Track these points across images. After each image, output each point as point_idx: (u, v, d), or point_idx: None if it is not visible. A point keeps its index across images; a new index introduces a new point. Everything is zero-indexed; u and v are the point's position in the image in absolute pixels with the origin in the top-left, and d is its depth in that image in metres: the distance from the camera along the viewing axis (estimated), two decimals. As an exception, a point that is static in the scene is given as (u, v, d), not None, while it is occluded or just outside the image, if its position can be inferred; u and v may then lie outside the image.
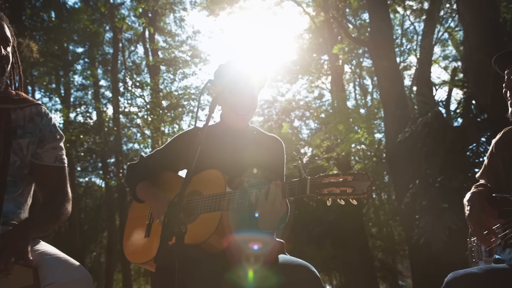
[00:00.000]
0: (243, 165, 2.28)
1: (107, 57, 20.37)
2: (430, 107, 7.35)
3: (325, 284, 19.84)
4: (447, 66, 18.46)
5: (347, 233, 14.39)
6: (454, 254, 5.32)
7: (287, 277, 1.97)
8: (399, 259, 20.32)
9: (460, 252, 2.37)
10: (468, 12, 7.04)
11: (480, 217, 2.03)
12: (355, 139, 14.43)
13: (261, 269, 2.01)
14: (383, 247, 19.08)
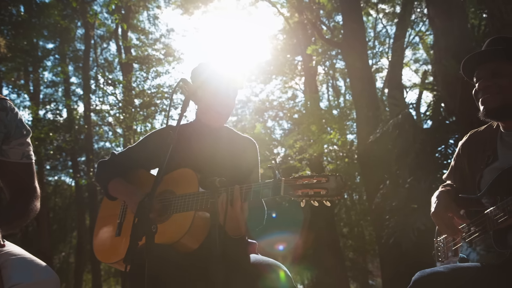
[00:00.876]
0: (217, 164, 2.28)
1: (79, 54, 20.00)
2: (401, 109, 7.48)
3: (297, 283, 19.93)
4: (418, 69, 18.83)
5: (318, 233, 14.50)
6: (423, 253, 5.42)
7: (259, 276, 1.98)
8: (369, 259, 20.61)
9: (428, 252, 2.42)
10: (438, 17, 7.20)
11: (445, 215, 2.08)
12: (327, 139, 14.55)
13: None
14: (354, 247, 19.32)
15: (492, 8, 4.39)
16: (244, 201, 1.94)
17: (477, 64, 2.11)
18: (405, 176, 6.79)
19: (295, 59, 19.80)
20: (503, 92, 2.00)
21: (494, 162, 2.06)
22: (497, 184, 1.96)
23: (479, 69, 2.09)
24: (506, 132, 2.10)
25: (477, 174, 2.12)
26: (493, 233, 1.92)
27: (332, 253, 14.30)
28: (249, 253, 2.19)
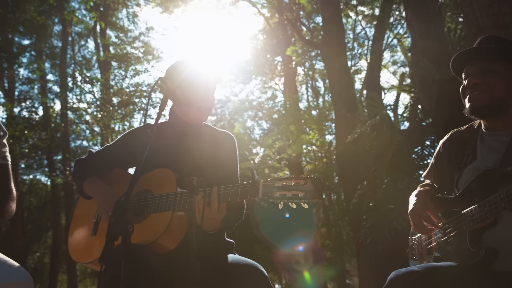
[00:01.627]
0: (196, 163, 2.26)
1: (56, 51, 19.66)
2: (379, 110, 7.55)
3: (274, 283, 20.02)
4: (395, 71, 19.05)
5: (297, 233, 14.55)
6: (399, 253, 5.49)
7: (236, 276, 1.97)
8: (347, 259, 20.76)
9: (404, 252, 2.45)
10: (415, 20, 7.29)
11: (423, 213, 2.11)
12: (306, 140, 14.63)
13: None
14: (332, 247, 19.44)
15: (467, 13, 4.46)
16: (222, 202, 1.93)
17: (467, 61, 2.12)
18: (382, 177, 6.86)
19: (275, 59, 19.87)
20: (491, 90, 2.01)
21: (473, 161, 2.08)
22: (475, 185, 1.98)
23: (469, 66, 2.10)
24: (487, 132, 2.13)
25: (456, 173, 2.14)
26: (468, 233, 1.95)
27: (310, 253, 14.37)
28: (227, 253, 2.18)
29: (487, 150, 2.08)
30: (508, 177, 1.88)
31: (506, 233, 1.87)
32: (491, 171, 1.94)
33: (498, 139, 2.06)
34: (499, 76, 2.03)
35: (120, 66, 16.68)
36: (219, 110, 21.97)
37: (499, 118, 2.05)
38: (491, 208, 1.85)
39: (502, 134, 2.06)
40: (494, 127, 2.10)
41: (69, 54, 19.21)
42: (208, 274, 1.92)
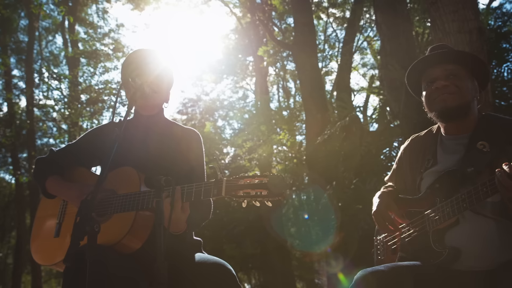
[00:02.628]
0: (161, 162, 2.24)
1: (22, 46, 19.15)
2: (349, 111, 7.66)
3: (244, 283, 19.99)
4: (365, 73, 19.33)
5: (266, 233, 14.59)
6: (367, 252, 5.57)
7: (203, 275, 1.97)
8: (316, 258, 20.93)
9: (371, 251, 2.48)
10: (385, 24, 7.42)
11: (386, 214, 2.15)
12: (277, 140, 14.68)
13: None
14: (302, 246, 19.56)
15: (435, 18, 4.57)
16: (186, 201, 1.92)
17: (431, 66, 2.17)
18: (351, 177, 6.95)
19: (247, 59, 19.89)
20: (461, 92, 2.07)
21: (434, 166, 2.14)
22: (437, 186, 2.04)
23: (434, 69, 2.15)
24: (446, 136, 2.19)
25: (418, 177, 2.20)
26: (431, 233, 2.00)
27: (279, 253, 14.43)
28: (194, 252, 2.17)
29: (447, 154, 2.13)
30: (468, 178, 1.94)
31: (467, 232, 1.92)
32: (452, 172, 2.00)
33: (457, 142, 2.13)
34: (464, 80, 2.10)
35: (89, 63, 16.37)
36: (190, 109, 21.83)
37: (460, 122, 2.12)
38: (453, 209, 1.90)
39: (460, 138, 2.12)
40: (454, 131, 2.16)
41: (35, 49, 18.74)
42: (176, 273, 1.91)
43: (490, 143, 1.98)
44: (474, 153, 2.00)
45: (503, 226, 1.89)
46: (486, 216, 1.91)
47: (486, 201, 1.81)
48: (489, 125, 2.08)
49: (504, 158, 1.90)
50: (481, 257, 1.89)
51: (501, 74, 7.46)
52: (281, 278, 14.33)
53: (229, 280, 1.96)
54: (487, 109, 4.18)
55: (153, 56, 2.30)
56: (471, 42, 4.33)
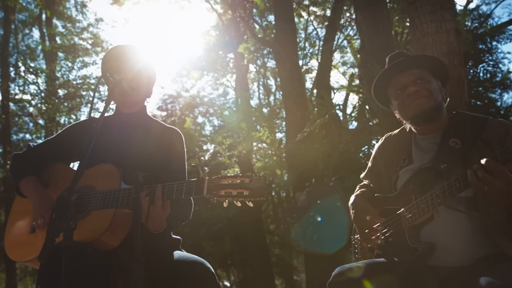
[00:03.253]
0: (141, 159, 2.22)
1: (-3, 39, 18.70)
2: (328, 109, 7.69)
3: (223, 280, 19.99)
4: (345, 71, 19.45)
5: (245, 230, 14.62)
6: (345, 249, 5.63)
7: (182, 273, 1.96)
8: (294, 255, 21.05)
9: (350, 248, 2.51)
10: (364, 23, 7.48)
11: (364, 220, 2.18)
12: (257, 137, 14.70)
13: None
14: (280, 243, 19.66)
15: (413, 17, 4.62)
16: (166, 200, 1.91)
17: (399, 73, 2.19)
18: (330, 175, 7.01)
19: (227, 56, 19.82)
20: (432, 95, 2.11)
21: (409, 164, 2.18)
22: (412, 183, 2.07)
23: (400, 77, 2.18)
24: (420, 136, 2.23)
25: (393, 175, 2.23)
26: (407, 229, 2.03)
27: (258, 250, 14.48)
28: (172, 250, 2.16)
29: (422, 153, 2.18)
30: (442, 174, 1.98)
31: (442, 228, 1.96)
32: (426, 169, 2.04)
33: (430, 141, 2.17)
34: (431, 82, 2.14)
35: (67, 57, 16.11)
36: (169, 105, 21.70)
37: (433, 122, 2.16)
38: (427, 205, 1.94)
39: (433, 137, 2.17)
40: (426, 131, 2.20)
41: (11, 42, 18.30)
42: (154, 270, 1.90)
43: (462, 140, 2.03)
44: (447, 150, 2.04)
45: (477, 220, 1.93)
46: (460, 211, 1.95)
47: (460, 196, 1.85)
48: (459, 123, 2.12)
49: (476, 154, 1.95)
50: (456, 251, 1.93)
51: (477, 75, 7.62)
52: (260, 275, 14.37)
53: (208, 279, 1.95)
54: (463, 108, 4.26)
55: (133, 52, 2.27)
56: (448, 43, 4.40)
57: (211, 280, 1.95)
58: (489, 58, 8.02)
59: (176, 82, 21.69)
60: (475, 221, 1.93)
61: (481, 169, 1.67)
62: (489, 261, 1.84)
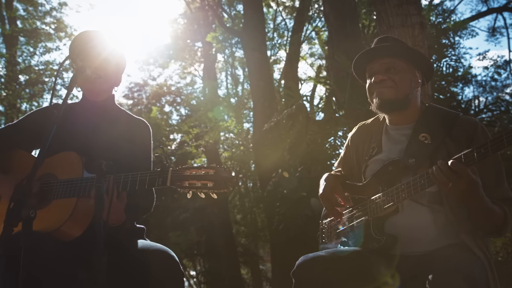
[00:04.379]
0: (106, 148, 2.17)
1: (-48, 21, 17.92)
2: (296, 100, 7.72)
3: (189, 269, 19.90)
4: (313, 63, 19.56)
5: (212, 220, 14.62)
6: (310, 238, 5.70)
7: (145, 262, 1.94)
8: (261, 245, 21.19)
9: (315, 237, 2.54)
10: (332, 15, 7.55)
11: (332, 196, 2.21)
12: (224, 127, 14.67)
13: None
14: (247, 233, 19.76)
15: (380, 11, 4.68)
16: (127, 190, 1.88)
17: (372, 59, 2.22)
18: (296, 165, 7.07)
19: (195, 45, 19.61)
20: (397, 86, 2.13)
21: (378, 154, 2.21)
22: (380, 175, 2.10)
23: (374, 63, 2.20)
24: (391, 126, 2.26)
25: (363, 164, 2.27)
26: (372, 220, 2.07)
27: (224, 240, 14.51)
28: (136, 239, 2.13)
29: (392, 143, 2.21)
30: (409, 169, 2.02)
31: (406, 221, 2.01)
32: (395, 162, 2.07)
33: (400, 132, 2.20)
34: (403, 73, 2.17)
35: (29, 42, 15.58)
36: (136, 94, 21.35)
37: (403, 113, 2.19)
38: (393, 198, 1.98)
39: (404, 128, 2.20)
40: (397, 122, 2.24)
41: (-32, 25, 17.61)
42: (116, 260, 1.87)
43: (431, 135, 2.07)
44: (416, 145, 2.08)
45: (439, 214, 1.98)
46: (423, 205, 2.01)
47: (424, 191, 1.89)
48: (431, 117, 2.16)
49: (444, 150, 2.00)
50: (419, 243, 1.98)
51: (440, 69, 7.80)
52: (226, 264, 14.41)
53: (172, 267, 1.94)
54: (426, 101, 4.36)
55: (100, 38, 2.20)
56: (413, 36, 4.48)
57: (175, 268, 1.94)
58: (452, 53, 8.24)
59: (143, 70, 21.35)
60: (438, 215, 1.98)
61: (445, 166, 1.73)
62: (450, 250, 1.90)
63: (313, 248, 2.29)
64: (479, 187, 1.76)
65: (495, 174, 1.99)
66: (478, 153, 1.69)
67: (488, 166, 1.96)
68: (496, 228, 1.90)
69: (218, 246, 14.78)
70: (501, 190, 1.97)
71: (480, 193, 1.78)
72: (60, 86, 13.94)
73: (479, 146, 1.70)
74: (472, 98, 8.34)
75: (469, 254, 1.85)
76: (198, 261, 20.30)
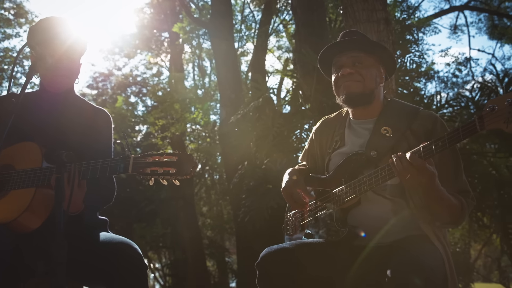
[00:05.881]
0: (65, 137, 2.12)
1: None
2: (262, 93, 7.73)
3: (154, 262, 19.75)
4: (280, 56, 19.60)
5: (178, 212, 14.53)
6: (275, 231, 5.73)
7: (107, 254, 1.91)
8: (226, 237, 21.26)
9: (281, 230, 2.57)
10: (300, 8, 7.57)
11: (294, 190, 2.23)
12: (190, 119, 14.56)
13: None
14: (213, 225, 19.76)
15: (346, 5, 4.73)
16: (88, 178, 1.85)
17: (340, 52, 2.24)
18: (262, 158, 7.09)
19: (162, 35, 19.32)
20: (364, 80, 2.16)
21: (341, 147, 2.25)
22: (343, 168, 2.14)
23: (341, 56, 2.22)
24: (354, 120, 2.29)
25: (326, 157, 2.30)
26: (335, 212, 2.10)
27: (190, 232, 14.44)
28: (99, 231, 2.10)
29: (354, 137, 2.25)
30: (371, 161, 2.06)
31: (368, 212, 2.05)
32: (357, 155, 2.11)
33: (363, 126, 2.24)
34: (370, 68, 2.20)
35: (-14, 28, 15.04)
36: (100, 84, 20.91)
37: (366, 107, 2.23)
38: (355, 190, 2.01)
39: (367, 122, 2.24)
40: (360, 116, 2.27)
41: None
42: (77, 253, 1.83)
43: (393, 129, 2.11)
44: (378, 138, 2.12)
45: (400, 206, 2.03)
46: (385, 197, 2.05)
47: (386, 183, 1.93)
48: (393, 111, 2.20)
49: (404, 143, 2.05)
50: (380, 235, 2.03)
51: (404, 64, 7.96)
52: (191, 257, 14.36)
53: (135, 260, 1.91)
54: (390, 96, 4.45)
55: (64, 26, 2.13)
56: (378, 32, 4.55)
57: (138, 261, 1.91)
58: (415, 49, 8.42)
59: (108, 59, 20.88)
60: (399, 207, 2.04)
61: (404, 159, 1.77)
62: (411, 241, 1.95)
63: (278, 240, 2.31)
64: (435, 178, 1.81)
65: (453, 167, 2.05)
66: (436, 146, 1.73)
67: (447, 159, 2.02)
68: (452, 218, 1.97)
69: (184, 239, 14.70)
70: (458, 183, 2.03)
71: (436, 184, 1.83)
72: (21, 74, 13.53)
73: (437, 139, 1.74)
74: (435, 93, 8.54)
75: (429, 245, 1.91)
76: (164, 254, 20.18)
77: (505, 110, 1.53)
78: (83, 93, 19.79)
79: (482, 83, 7.14)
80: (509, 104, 1.52)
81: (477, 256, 12.96)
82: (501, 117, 1.54)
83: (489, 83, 7.15)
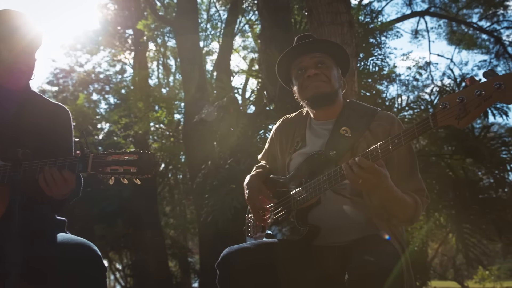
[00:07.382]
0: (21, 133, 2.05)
1: None
2: (227, 92, 7.71)
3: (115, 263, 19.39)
4: (246, 56, 19.61)
5: (140, 212, 14.31)
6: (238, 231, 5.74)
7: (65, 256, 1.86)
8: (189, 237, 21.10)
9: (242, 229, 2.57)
10: (266, 8, 7.61)
11: (257, 199, 2.24)
12: (154, 117, 14.38)
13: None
14: (175, 225, 19.57)
15: (311, 8, 4.79)
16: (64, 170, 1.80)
17: (301, 54, 2.26)
18: (226, 158, 7.07)
19: (126, 32, 18.99)
20: (330, 81, 2.20)
21: (302, 147, 2.27)
22: (302, 168, 2.16)
23: (304, 57, 2.24)
24: (315, 121, 2.32)
25: (287, 157, 2.31)
26: (296, 212, 2.12)
27: (152, 232, 14.25)
28: (56, 231, 2.04)
29: (315, 137, 2.28)
30: (331, 160, 2.09)
31: (328, 211, 2.08)
32: (317, 155, 2.14)
33: (323, 127, 2.28)
34: (331, 69, 2.24)
35: None
36: (61, 80, 20.37)
37: (328, 109, 2.26)
38: (315, 189, 2.04)
39: (326, 123, 2.27)
40: (321, 117, 2.31)
41: None
42: (33, 253, 1.78)
43: (352, 129, 2.15)
44: (337, 138, 2.15)
45: (359, 205, 2.07)
46: (344, 197, 2.09)
47: (346, 182, 1.96)
48: (352, 112, 2.24)
49: (363, 143, 2.09)
50: (339, 233, 2.06)
51: (367, 67, 8.11)
52: (153, 257, 14.17)
53: (93, 261, 1.87)
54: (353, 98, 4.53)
55: (23, 20, 2.05)
56: (342, 34, 4.63)
57: (96, 262, 1.87)
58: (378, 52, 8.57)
59: (69, 56, 20.36)
60: (358, 206, 2.07)
61: (355, 165, 1.80)
62: (368, 240, 1.99)
63: (241, 241, 2.32)
64: (387, 179, 1.85)
65: (409, 166, 2.11)
66: (392, 143, 1.78)
67: (403, 159, 2.08)
68: (407, 216, 2.02)
69: (145, 239, 14.48)
70: (414, 181, 2.09)
71: (390, 185, 1.88)
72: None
73: (393, 137, 1.79)
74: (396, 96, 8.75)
75: (386, 245, 1.95)
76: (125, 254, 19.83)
77: (456, 107, 1.58)
78: (43, 90, 19.25)
79: (440, 87, 7.35)
80: (459, 102, 1.56)
81: (434, 254, 13.34)
82: (453, 114, 1.59)
83: (447, 87, 7.37)
